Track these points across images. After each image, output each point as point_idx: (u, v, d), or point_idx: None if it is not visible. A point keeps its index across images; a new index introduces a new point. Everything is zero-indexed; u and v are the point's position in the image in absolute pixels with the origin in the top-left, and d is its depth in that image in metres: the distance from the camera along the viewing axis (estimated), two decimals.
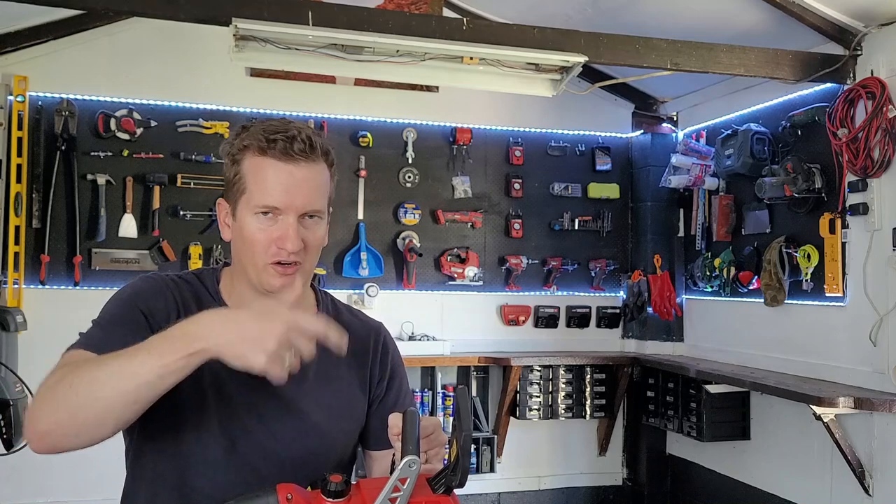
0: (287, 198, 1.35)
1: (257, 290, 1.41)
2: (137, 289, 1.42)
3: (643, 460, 5.15)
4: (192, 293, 1.43)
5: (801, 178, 3.89)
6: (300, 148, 1.35)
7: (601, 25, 3.67)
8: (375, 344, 1.55)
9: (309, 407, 1.43)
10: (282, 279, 1.38)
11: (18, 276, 4.19)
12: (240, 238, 1.40)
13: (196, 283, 1.46)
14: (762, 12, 3.79)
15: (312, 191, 1.37)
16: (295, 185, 1.35)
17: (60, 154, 4.30)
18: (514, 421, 4.88)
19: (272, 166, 1.35)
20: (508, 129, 5.10)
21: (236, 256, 1.43)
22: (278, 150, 1.34)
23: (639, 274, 5.11)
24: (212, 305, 1.43)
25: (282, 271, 1.37)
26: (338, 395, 1.48)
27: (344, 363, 1.47)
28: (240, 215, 1.39)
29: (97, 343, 1.28)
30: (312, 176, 1.37)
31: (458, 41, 3.34)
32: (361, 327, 1.56)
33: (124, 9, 3.39)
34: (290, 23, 3.15)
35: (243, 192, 1.37)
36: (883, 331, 3.53)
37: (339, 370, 1.48)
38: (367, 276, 4.73)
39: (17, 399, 3.59)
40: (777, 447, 4.22)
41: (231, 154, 1.40)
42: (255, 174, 1.36)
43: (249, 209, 1.37)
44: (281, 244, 1.35)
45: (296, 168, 1.35)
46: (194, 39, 4.23)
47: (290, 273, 1.38)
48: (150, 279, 1.45)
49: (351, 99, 4.84)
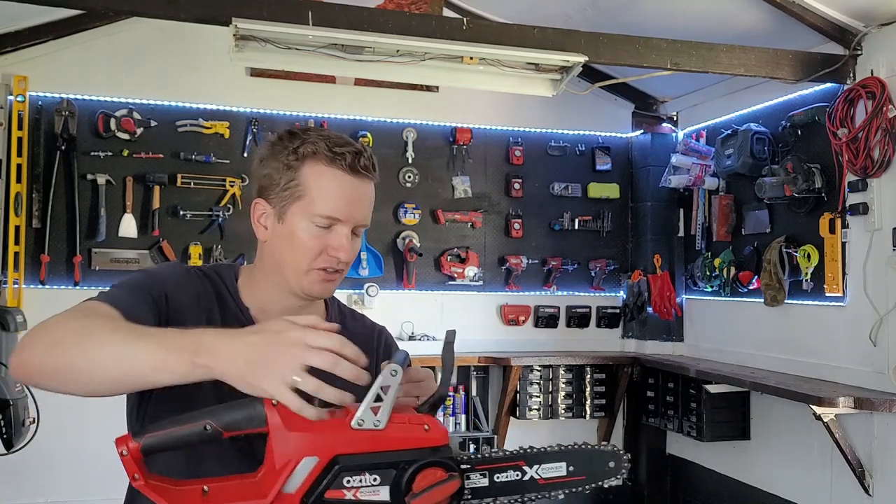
0: (349, 210, 1.38)
1: (291, 293, 1.42)
2: (164, 272, 1.43)
3: (643, 460, 5.15)
4: (212, 288, 1.44)
5: (801, 177, 3.89)
6: (366, 164, 1.39)
7: (601, 25, 3.67)
8: (377, 346, 1.57)
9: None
10: (323, 285, 1.41)
11: (18, 276, 4.19)
12: (287, 241, 1.39)
13: (216, 278, 1.47)
14: (762, 12, 3.79)
15: (368, 207, 1.43)
16: (357, 199, 1.40)
17: (60, 154, 4.30)
18: (514, 421, 4.88)
19: (339, 178, 1.37)
20: (508, 129, 5.10)
21: (274, 258, 1.42)
22: (347, 164, 1.37)
23: (639, 274, 5.11)
24: (229, 304, 1.44)
25: (326, 277, 1.40)
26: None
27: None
28: (292, 220, 1.38)
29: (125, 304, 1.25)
30: (370, 192, 1.43)
31: (458, 41, 3.34)
32: (364, 330, 1.58)
33: (124, 9, 3.39)
34: (290, 23, 3.15)
35: (300, 197, 1.37)
36: (883, 331, 3.53)
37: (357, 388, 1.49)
38: (367, 276, 4.72)
39: (17, 399, 3.59)
40: (777, 447, 4.22)
41: (287, 158, 1.38)
42: (319, 183, 1.37)
43: (307, 216, 1.37)
44: (334, 253, 1.38)
45: (360, 183, 1.39)
46: (194, 39, 4.23)
47: (332, 280, 1.41)
48: (176, 266, 1.47)
49: (351, 99, 4.84)
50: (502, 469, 1.15)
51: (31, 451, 3.73)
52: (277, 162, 1.39)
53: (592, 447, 1.22)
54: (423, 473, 1.07)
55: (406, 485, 1.07)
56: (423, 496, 1.06)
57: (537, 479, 1.17)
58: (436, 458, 1.08)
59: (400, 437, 1.08)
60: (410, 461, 1.07)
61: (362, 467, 1.07)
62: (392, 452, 1.08)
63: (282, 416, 1.08)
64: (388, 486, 1.07)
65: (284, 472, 1.07)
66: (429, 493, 1.07)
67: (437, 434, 1.10)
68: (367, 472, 1.07)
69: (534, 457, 1.18)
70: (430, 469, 1.08)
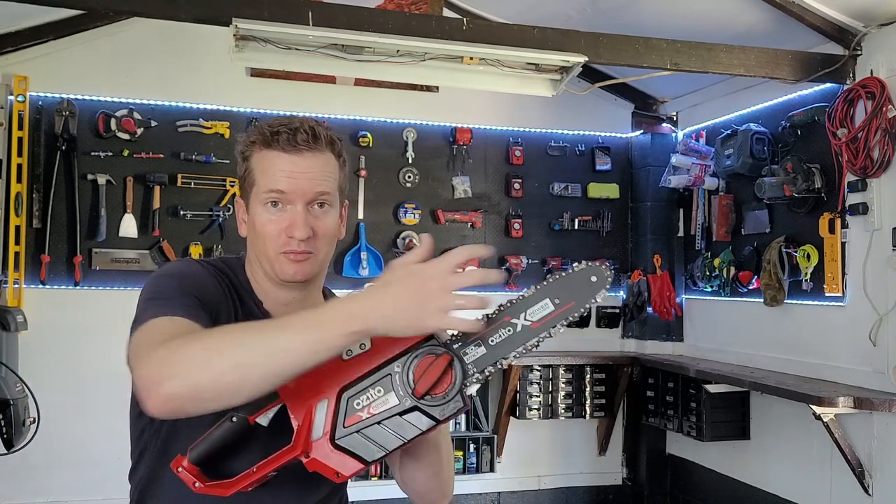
0: (292, 183, 1.38)
1: (273, 281, 1.44)
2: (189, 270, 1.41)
3: (643, 460, 5.15)
4: (228, 282, 1.46)
5: (801, 177, 3.89)
6: (303, 138, 1.38)
7: (601, 25, 3.68)
8: None
9: None
10: (294, 267, 1.40)
11: (19, 276, 4.19)
12: (253, 231, 1.43)
13: (229, 272, 1.48)
14: (762, 12, 3.79)
15: (317, 177, 1.40)
16: (300, 173, 1.39)
17: (61, 154, 4.30)
18: (513, 421, 4.88)
19: (277, 157, 1.39)
20: (508, 129, 5.10)
21: (252, 250, 1.46)
22: (283, 142, 1.38)
23: (639, 274, 5.11)
24: (245, 298, 1.45)
25: (294, 258, 1.40)
26: None
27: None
28: (251, 208, 1.43)
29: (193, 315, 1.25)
30: (317, 164, 1.40)
31: (458, 41, 3.35)
32: None
33: (124, 9, 3.39)
34: (290, 23, 3.16)
35: (253, 184, 1.42)
36: (882, 331, 3.53)
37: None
38: (368, 276, 4.73)
39: (18, 399, 3.60)
40: (777, 447, 4.22)
41: (241, 152, 1.44)
42: (262, 166, 1.40)
43: (259, 200, 1.40)
44: (290, 232, 1.38)
45: (300, 157, 1.39)
46: (194, 39, 4.23)
47: (301, 261, 1.41)
48: (192, 264, 1.46)
49: (351, 99, 4.84)
50: (492, 332, 1.21)
51: (32, 451, 3.73)
52: (238, 157, 1.45)
53: (567, 272, 1.24)
54: (416, 367, 1.17)
55: (406, 381, 1.16)
56: (421, 381, 1.16)
57: (529, 324, 1.21)
58: (421, 349, 1.17)
59: (387, 349, 1.18)
60: (401, 362, 1.17)
61: (364, 387, 1.18)
62: (385, 363, 1.18)
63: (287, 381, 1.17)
64: (392, 391, 1.17)
65: (306, 423, 1.18)
66: (425, 376, 1.16)
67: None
68: (371, 389, 1.18)
69: (516, 307, 1.22)
70: (420, 360, 1.17)
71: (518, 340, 1.21)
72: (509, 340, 1.20)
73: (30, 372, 3.72)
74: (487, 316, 1.21)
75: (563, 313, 1.21)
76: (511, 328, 1.21)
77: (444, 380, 1.17)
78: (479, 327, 1.17)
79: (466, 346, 1.20)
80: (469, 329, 1.16)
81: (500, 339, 1.21)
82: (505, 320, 1.21)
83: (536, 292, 1.22)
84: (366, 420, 1.18)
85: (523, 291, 1.23)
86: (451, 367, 1.17)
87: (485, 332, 1.20)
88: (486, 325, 1.20)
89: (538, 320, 1.21)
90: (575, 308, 1.22)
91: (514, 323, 1.21)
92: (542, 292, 1.22)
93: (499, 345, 1.20)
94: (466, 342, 1.20)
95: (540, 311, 1.21)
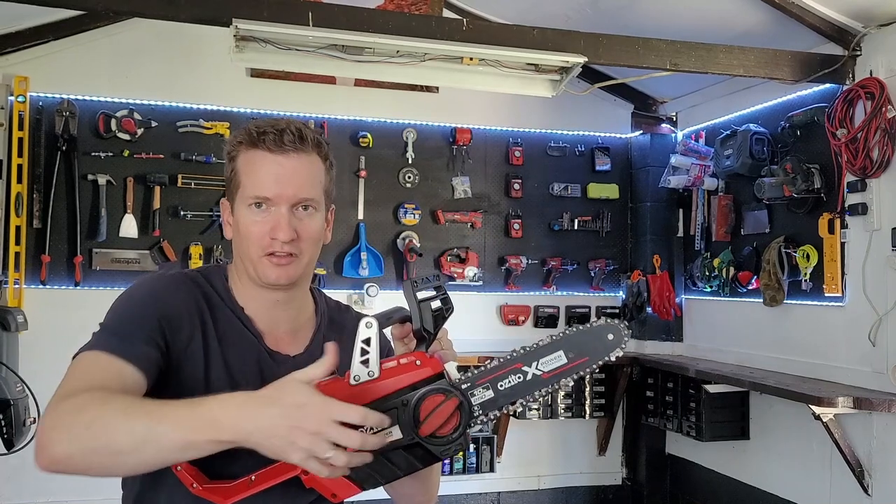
0: (277, 187, 1.36)
1: (257, 284, 1.43)
2: (150, 290, 1.40)
3: (642, 460, 5.16)
4: (202, 294, 1.43)
5: (801, 178, 3.90)
6: (289, 139, 1.37)
7: (601, 26, 3.68)
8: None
9: None
10: (276, 270, 1.39)
11: (19, 276, 4.19)
12: (238, 233, 1.42)
13: (204, 283, 1.46)
14: (761, 13, 3.79)
15: (303, 180, 1.39)
16: (285, 175, 1.37)
17: (61, 154, 4.30)
18: (513, 421, 4.89)
19: (262, 158, 1.37)
20: (508, 130, 5.10)
21: (236, 252, 1.45)
22: (268, 143, 1.36)
23: (638, 274, 5.12)
24: (220, 306, 1.43)
25: (276, 262, 1.38)
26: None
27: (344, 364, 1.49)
28: (236, 210, 1.41)
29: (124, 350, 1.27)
30: (303, 166, 1.39)
31: (458, 42, 3.35)
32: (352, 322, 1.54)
33: (124, 9, 3.39)
34: (290, 23, 3.16)
35: (238, 186, 1.40)
36: (882, 331, 3.54)
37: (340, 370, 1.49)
38: (367, 276, 4.73)
39: (18, 399, 3.60)
40: (776, 447, 4.22)
41: (228, 153, 1.43)
42: (247, 167, 1.39)
43: (244, 202, 1.39)
44: (273, 234, 1.37)
45: (285, 158, 1.37)
46: (194, 40, 4.24)
47: (285, 264, 1.39)
48: (159, 280, 1.43)
49: (351, 99, 4.85)
50: (502, 377, 1.21)
51: (32, 451, 3.73)
52: (225, 158, 1.44)
53: (585, 327, 1.24)
54: (423, 404, 1.15)
55: (413, 418, 1.15)
56: (427, 422, 1.15)
57: (540, 374, 1.21)
58: (430, 387, 1.16)
59: (396, 380, 1.17)
60: (409, 397, 1.16)
61: None
62: (394, 394, 1.16)
63: None
64: (397, 425, 1.16)
65: None
66: (432, 417, 1.15)
67: (429, 365, 1.18)
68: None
69: (529, 356, 1.22)
70: (428, 398, 1.16)
71: (527, 388, 1.21)
72: (518, 387, 1.21)
73: (30, 372, 3.72)
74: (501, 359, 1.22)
75: (574, 367, 1.22)
76: (521, 375, 1.21)
77: (449, 422, 1.16)
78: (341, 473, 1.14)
79: (475, 387, 1.20)
80: (334, 475, 1.13)
81: (509, 385, 1.21)
82: (516, 367, 1.21)
83: (551, 343, 1.22)
84: None
85: (539, 340, 1.23)
86: (458, 410, 1.17)
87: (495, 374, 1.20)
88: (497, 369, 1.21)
89: (549, 371, 1.21)
90: (587, 364, 1.22)
91: (524, 371, 1.21)
92: (557, 344, 1.22)
93: (507, 390, 1.21)
94: (475, 383, 1.20)
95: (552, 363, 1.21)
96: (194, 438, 1.11)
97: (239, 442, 1.11)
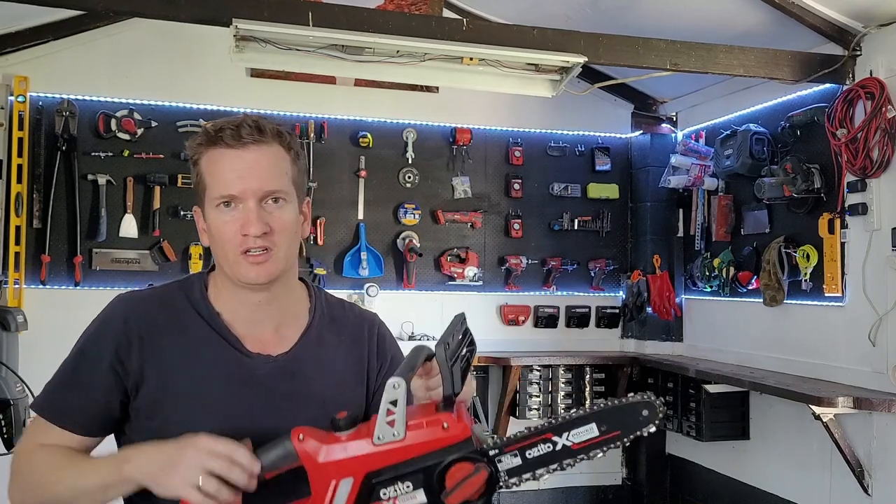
0: (241, 182, 1.34)
1: (238, 286, 1.41)
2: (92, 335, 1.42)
3: (642, 460, 5.16)
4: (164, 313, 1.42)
5: (801, 178, 3.90)
6: (247, 132, 1.35)
7: (601, 26, 3.68)
8: (370, 335, 1.55)
9: (303, 403, 1.43)
10: (255, 269, 1.36)
11: (19, 276, 4.19)
12: (212, 237, 1.40)
13: (177, 294, 1.44)
14: (762, 13, 3.79)
15: (267, 172, 1.36)
16: (247, 169, 1.35)
17: (61, 154, 4.30)
18: (513, 421, 4.88)
19: (222, 155, 1.36)
20: (508, 130, 5.10)
21: (215, 257, 1.44)
22: (227, 139, 1.35)
23: (638, 274, 5.12)
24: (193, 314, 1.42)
25: (252, 260, 1.36)
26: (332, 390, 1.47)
27: (340, 358, 1.49)
28: (207, 214, 1.40)
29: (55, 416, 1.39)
30: (265, 157, 1.37)
31: (458, 42, 3.35)
32: (355, 321, 1.56)
33: (124, 9, 3.39)
34: (290, 23, 3.16)
35: (204, 189, 1.39)
36: (882, 331, 3.53)
37: (335, 365, 1.49)
38: (367, 276, 4.73)
39: (18, 399, 3.60)
40: (776, 447, 4.22)
41: (190, 158, 1.41)
42: (210, 167, 1.37)
43: (212, 204, 1.37)
44: (245, 230, 1.35)
45: (245, 152, 1.35)
46: (194, 40, 4.24)
47: (262, 261, 1.36)
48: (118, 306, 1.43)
49: (351, 99, 4.84)
50: (531, 445, 1.18)
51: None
52: (190, 165, 1.42)
53: (620, 402, 1.23)
54: (450, 471, 1.13)
55: (438, 484, 1.13)
56: (455, 493, 1.12)
57: (570, 445, 1.19)
58: (459, 454, 1.14)
59: (422, 442, 1.14)
60: (436, 463, 1.13)
61: (394, 478, 1.15)
62: (419, 458, 1.14)
63: (311, 450, 1.17)
64: (422, 488, 1.13)
65: (326, 497, 1.16)
66: (460, 489, 1.13)
67: (457, 430, 1.15)
68: (400, 482, 1.15)
69: (561, 427, 1.19)
70: (456, 465, 1.13)
71: (555, 458, 1.19)
72: (546, 457, 1.19)
73: (30, 372, 3.71)
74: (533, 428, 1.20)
75: (606, 440, 1.20)
76: (552, 445, 1.19)
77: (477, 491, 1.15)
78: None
79: (503, 454, 1.18)
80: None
81: (537, 454, 1.19)
82: (547, 437, 1.19)
83: (585, 415, 1.20)
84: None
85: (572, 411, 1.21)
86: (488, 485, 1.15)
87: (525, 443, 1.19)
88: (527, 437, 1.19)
89: (579, 443, 1.19)
90: (619, 437, 1.20)
91: (554, 441, 1.19)
92: (590, 417, 1.20)
93: (535, 459, 1.19)
94: (504, 450, 1.18)
95: (584, 435, 1.20)
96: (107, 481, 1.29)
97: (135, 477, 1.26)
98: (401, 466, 1.14)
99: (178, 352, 1.39)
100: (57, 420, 1.38)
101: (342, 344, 1.51)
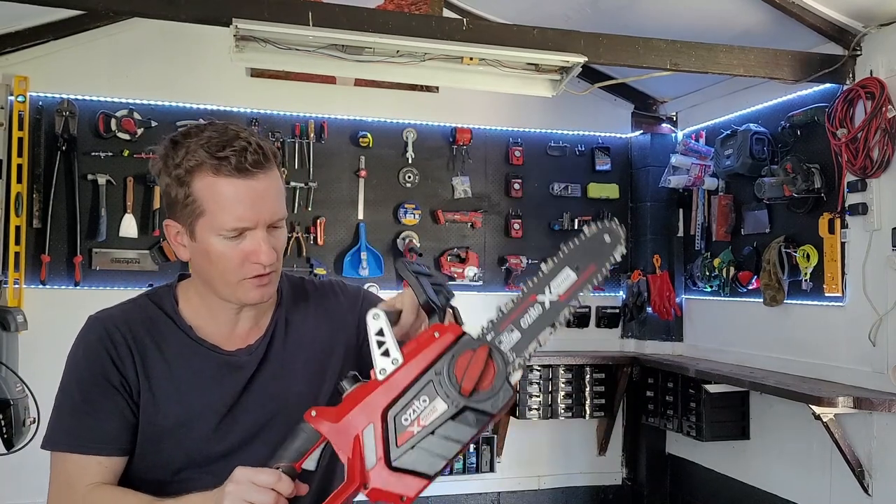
0: (254, 214, 1.31)
1: (224, 303, 1.41)
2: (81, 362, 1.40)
3: (643, 460, 5.16)
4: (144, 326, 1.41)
5: (801, 178, 3.90)
6: (254, 159, 1.30)
7: (601, 26, 3.68)
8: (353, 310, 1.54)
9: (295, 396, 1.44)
10: (259, 291, 1.37)
11: (19, 276, 4.19)
12: (205, 259, 1.35)
13: (150, 308, 1.44)
14: (762, 13, 3.79)
15: (275, 201, 1.34)
16: (259, 200, 1.31)
17: (61, 154, 4.30)
18: (513, 420, 4.88)
19: (228, 185, 1.30)
20: (508, 130, 5.10)
21: (201, 275, 1.40)
22: (233, 167, 1.29)
23: (638, 274, 5.12)
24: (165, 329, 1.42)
25: (258, 283, 1.36)
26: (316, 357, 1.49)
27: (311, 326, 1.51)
28: (202, 237, 1.34)
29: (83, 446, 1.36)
30: (272, 185, 1.34)
31: (458, 42, 3.35)
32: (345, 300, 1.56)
33: (124, 9, 3.39)
34: (290, 23, 3.16)
35: (201, 214, 1.32)
36: (882, 331, 3.53)
37: (331, 360, 1.50)
38: (368, 276, 4.73)
39: (18, 399, 3.59)
40: (776, 447, 4.22)
41: (176, 172, 1.32)
42: (213, 195, 1.30)
43: (213, 231, 1.32)
44: (255, 259, 1.33)
45: (255, 182, 1.31)
46: (194, 39, 4.23)
47: (266, 283, 1.37)
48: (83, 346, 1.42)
49: (351, 99, 4.84)
50: (522, 315, 1.19)
51: (32, 451, 3.72)
52: (169, 178, 1.34)
53: (581, 238, 1.22)
54: (456, 366, 1.14)
55: (450, 384, 1.14)
56: (466, 379, 1.13)
57: (557, 298, 1.19)
58: (455, 348, 1.15)
59: (422, 358, 1.15)
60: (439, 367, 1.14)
61: (408, 401, 1.15)
62: (424, 372, 1.15)
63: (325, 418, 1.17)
64: (438, 396, 1.14)
65: (357, 454, 1.15)
66: (468, 373, 1.14)
67: (449, 332, 1.17)
68: (416, 401, 1.15)
69: (540, 284, 1.20)
70: (459, 359, 1.14)
71: (549, 317, 1.19)
72: (541, 319, 1.19)
73: (30, 372, 3.71)
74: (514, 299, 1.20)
75: (586, 279, 1.20)
76: (540, 306, 1.19)
77: (487, 372, 1.15)
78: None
79: (500, 334, 1.19)
80: None
81: (531, 320, 1.19)
82: (531, 300, 1.19)
83: (556, 264, 1.20)
84: (418, 433, 1.14)
85: (541, 267, 1.21)
86: (491, 358, 1.16)
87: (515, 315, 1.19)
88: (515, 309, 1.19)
89: (564, 292, 1.19)
90: (597, 271, 1.20)
91: (541, 300, 1.19)
92: (561, 263, 1.20)
93: (532, 326, 1.19)
94: (499, 331, 1.19)
95: (564, 283, 1.20)
96: None
97: None
98: (410, 388, 1.14)
99: (161, 360, 1.40)
100: (91, 450, 1.35)
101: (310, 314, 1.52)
